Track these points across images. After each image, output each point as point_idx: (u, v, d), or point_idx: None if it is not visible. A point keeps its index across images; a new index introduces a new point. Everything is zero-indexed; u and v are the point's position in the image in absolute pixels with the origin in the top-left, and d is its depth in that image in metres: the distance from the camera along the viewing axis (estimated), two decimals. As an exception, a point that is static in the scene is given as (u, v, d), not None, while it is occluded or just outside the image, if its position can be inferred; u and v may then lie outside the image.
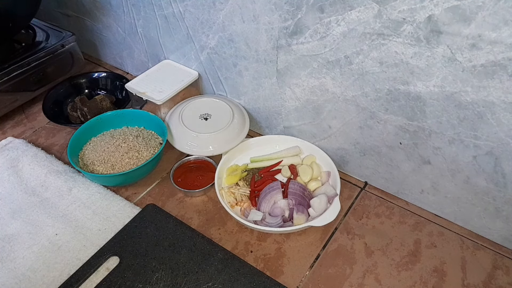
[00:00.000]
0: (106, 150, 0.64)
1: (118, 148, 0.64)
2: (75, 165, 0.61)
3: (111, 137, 0.66)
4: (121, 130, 0.69)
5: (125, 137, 0.66)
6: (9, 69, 0.71)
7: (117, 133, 0.68)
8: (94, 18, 0.82)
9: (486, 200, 0.52)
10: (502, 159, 0.47)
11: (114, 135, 0.67)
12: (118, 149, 0.64)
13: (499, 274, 0.53)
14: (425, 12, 0.41)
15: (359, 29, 0.46)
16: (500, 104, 0.42)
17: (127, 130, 0.69)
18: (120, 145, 0.64)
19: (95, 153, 0.64)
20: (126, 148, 0.64)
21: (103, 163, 0.62)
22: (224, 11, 0.58)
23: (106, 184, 0.64)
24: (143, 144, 0.65)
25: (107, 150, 0.64)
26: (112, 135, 0.67)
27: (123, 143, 0.64)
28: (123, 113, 0.69)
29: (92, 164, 0.63)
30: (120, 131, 0.68)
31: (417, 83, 0.47)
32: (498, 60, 0.40)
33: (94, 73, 0.81)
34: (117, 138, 0.66)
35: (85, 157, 0.64)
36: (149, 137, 0.67)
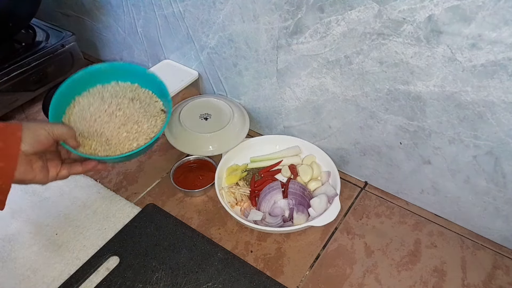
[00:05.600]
0: (97, 120, 0.51)
1: (112, 117, 0.52)
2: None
3: (101, 100, 0.54)
4: (110, 87, 0.56)
5: (118, 101, 0.53)
6: (9, 69, 0.71)
7: (108, 93, 0.55)
8: (94, 18, 0.82)
9: (486, 200, 0.52)
10: (502, 159, 0.47)
11: (104, 97, 0.54)
12: (113, 118, 0.52)
13: (499, 274, 0.53)
14: (425, 12, 0.41)
15: (359, 29, 0.46)
16: (500, 104, 0.42)
17: (118, 88, 0.56)
18: (114, 113, 0.52)
19: (84, 122, 0.51)
20: (123, 118, 0.52)
21: (96, 136, 0.50)
22: (224, 11, 0.58)
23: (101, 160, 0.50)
24: (141, 112, 0.53)
25: (99, 119, 0.51)
26: (102, 96, 0.54)
27: (117, 111, 0.52)
28: (113, 66, 0.57)
29: (81, 137, 0.50)
30: (111, 89, 0.55)
31: (417, 83, 0.47)
32: (498, 60, 0.40)
33: (94, 73, 0.81)
34: (109, 102, 0.53)
35: (70, 124, 0.51)
36: (146, 101, 0.55)
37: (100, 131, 0.51)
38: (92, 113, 0.52)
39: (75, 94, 0.54)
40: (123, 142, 0.51)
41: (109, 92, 0.54)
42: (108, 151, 0.50)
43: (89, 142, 0.50)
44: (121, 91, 0.55)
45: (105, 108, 0.52)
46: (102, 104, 0.53)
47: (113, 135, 0.51)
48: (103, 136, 0.50)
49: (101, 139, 0.50)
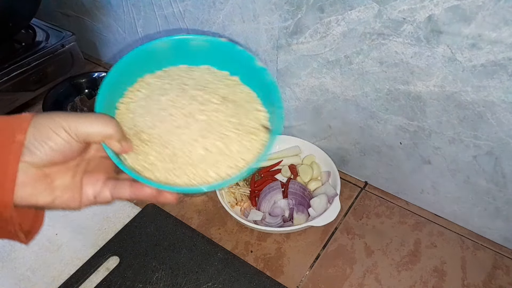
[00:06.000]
0: (167, 120, 0.34)
1: (189, 121, 0.34)
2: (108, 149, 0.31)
3: (182, 90, 0.36)
4: (199, 72, 0.38)
5: (205, 98, 0.36)
6: (9, 69, 0.71)
7: (193, 81, 0.37)
8: (94, 18, 0.82)
9: (486, 200, 0.52)
10: (502, 159, 0.47)
11: (187, 86, 0.37)
12: (190, 123, 0.34)
13: (499, 274, 0.53)
14: (425, 12, 0.41)
15: (359, 29, 0.46)
16: (500, 104, 0.42)
17: (210, 76, 0.38)
18: (193, 115, 0.35)
19: (147, 116, 0.35)
20: (205, 126, 0.34)
21: (158, 143, 0.33)
22: (224, 11, 0.58)
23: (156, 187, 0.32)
24: (233, 122, 0.35)
25: (169, 119, 0.34)
26: (183, 83, 0.37)
27: (200, 113, 0.35)
28: (211, 42, 0.38)
29: (137, 138, 0.34)
30: (199, 77, 0.38)
31: (417, 83, 0.47)
32: (498, 60, 0.40)
33: (94, 73, 0.81)
34: (191, 95, 0.36)
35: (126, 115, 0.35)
36: (244, 106, 0.37)
37: (166, 138, 0.33)
38: (163, 106, 0.35)
39: (143, 72, 0.38)
40: (195, 165, 0.33)
41: (195, 80, 0.37)
42: (170, 173, 0.32)
43: (146, 150, 0.33)
44: (213, 83, 0.38)
45: (184, 103, 0.35)
46: (181, 96, 0.36)
47: (183, 149, 0.33)
48: (168, 146, 0.33)
49: (163, 151, 0.33)
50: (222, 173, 0.33)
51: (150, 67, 0.38)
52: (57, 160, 0.29)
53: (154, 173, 0.32)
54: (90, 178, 0.32)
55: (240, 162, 0.34)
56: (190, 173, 0.33)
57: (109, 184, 0.33)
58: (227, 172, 0.33)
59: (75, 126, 0.29)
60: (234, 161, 0.34)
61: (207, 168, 0.33)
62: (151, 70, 0.38)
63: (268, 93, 0.37)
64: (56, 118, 0.29)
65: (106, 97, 0.34)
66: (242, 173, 0.33)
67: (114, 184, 0.33)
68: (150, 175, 0.32)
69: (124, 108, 0.36)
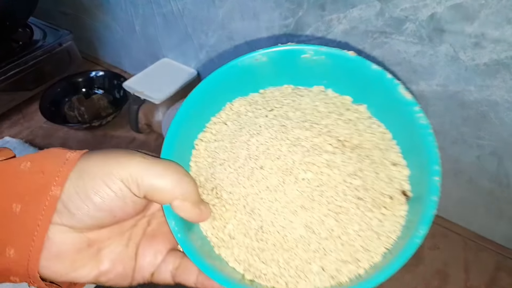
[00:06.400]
0: (254, 174, 0.24)
1: (286, 179, 0.24)
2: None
3: (281, 129, 0.25)
4: (308, 100, 0.27)
5: (314, 143, 0.25)
6: (6, 68, 0.70)
7: (298, 114, 0.26)
8: (92, 16, 0.81)
9: (489, 201, 0.52)
10: (506, 159, 0.46)
11: (289, 121, 0.26)
12: (287, 184, 0.24)
13: (502, 275, 0.52)
14: (427, 10, 0.40)
15: (361, 27, 0.46)
16: (503, 104, 0.42)
17: (324, 106, 0.27)
18: (292, 170, 0.24)
19: (229, 165, 0.25)
20: (309, 191, 0.23)
21: (242, 212, 0.24)
22: (223, 9, 0.57)
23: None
24: (358, 182, 0.24)
25: (257, 174, 0.24)
26: (286, 116, 0.26)
27: (304, 169, 0.24)
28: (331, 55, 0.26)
29: (216, 197, 0.25)
30: (308, 107, 0.27)
31: (419, 82, 0.46)
32: (501, 59, 0.39)
33: (91, 72, 0.80)
34: (293, 138, 0.25)
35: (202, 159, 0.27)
36: (375, 158, 0.25)
37: (252, 203, 0.24)
38: (252, 152, 0.25)
39: (234, 93, 0.28)
40: (290, 250, 0.23)
41: (302, 112, 0.26)
42: (254, 256, 0.23)
43: (225, 214, 0.24)
44: (328, 117, 0.26)
45: (281, 152, 0.24)
46: (279, 137, 0.25)
47: (275, 224, 0.23)
48: (254, 216, 0.24)
49: (248, 222, 0.24)
50: (330, 269, 0.22)
51: (243, 88, 0.28)
52: (105, 222, 0.21)
53: (232, 250, 0.24)
54: (148, 247, 0.24)
55: (361, 255, 0.22)
56: (283, 261, 0.23)
57: (171, 260, 0.24)
58: (338, 268, 0.22)
59: (139, 176, 0.21)
60: (350, 252, 0.22)
61: (309, 259, 0.22)
62: (244, 91, 0.28)
63: (412, 137, 0.24)
64: (110, 163, 0.21)
65: (181, 130, 0.25)
66: (366, 280, 0.21)
67: (179, 262, 0.24)
68: (227, 254, 0.23)
69: (203, 147, 0.26)
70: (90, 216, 0.21)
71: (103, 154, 0.22)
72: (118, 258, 0.23)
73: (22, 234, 0.20)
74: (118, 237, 0.24)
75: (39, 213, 0.20)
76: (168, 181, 0.22)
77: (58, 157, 0.21)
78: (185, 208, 0.22)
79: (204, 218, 0.24)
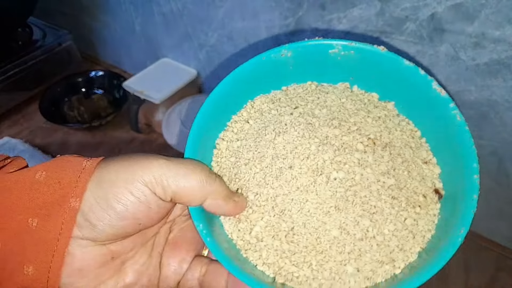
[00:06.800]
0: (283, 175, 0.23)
1: (316, 180, 0.23)
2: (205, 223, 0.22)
3: (305, 128, 0.25)
4: (334, 96, 0.26)
5: (343, 142, 0.24)
6: (6, 68, 0.70)
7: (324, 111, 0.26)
8: (92, 16, 0.81)
9: (489, 201, 0.51)
10: (506, 159, 0.46)
11: (316, 119, 0.25)
12: (318, 184, 0.23)
13: (503, 275, 0.52)
14: (428, 10, 0.40)
15: (361, 27, 0.46)
16: (503, 104, 0.42)
17: (351, 103, 0.26)
18: (323, 170, 0.23)
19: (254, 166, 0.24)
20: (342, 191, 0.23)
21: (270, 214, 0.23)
22: (223, 8, 0.57)
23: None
24: (391, 182, 0.23)
25: (287, 174, 0.23)
26: (312, 114, 0.26)
27: (335, 168, 0.23)
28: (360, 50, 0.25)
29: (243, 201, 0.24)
30: (334, 104, 0.26)
31: (419, 82, 0.46)
32: (501, 58, 0.39)
33: (91, 72, 0.80)
34: (322, 137, 0.24)
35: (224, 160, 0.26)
36: (404, 152, 0.24)
37: (282, 204, 0.23)
38: (279, 151, 0.24)
39: (255, 91, 0.27)
40: (323, 252, 0.22)
41: (328, 109, 0.26)
42: (285, 258, 0.22)
43: (251, 217, 0.23)
44: (356, 114, 0.26)
45: (310, 150, 0.24)
46: (307, 136, 0.24)
47: (307, 226, 0.23)
48: (284, 218, 0.23)
49: (277, 224, 0.23)
50: (366, 270, 0.22)
51: (264, 85, 0.27)
52: (129, 231, 0.20)
53: (260, 252, 0.22)
54: (173, 256, 0.23)
55: (397, 255, 0.22)
56: (316, 263, 0.22)
57: (197, 267, 0.23)
58: (374, 269, 0.22)
59: (164, 178, 0.19)
60: (386, 253, 0.22)
61: (343, 261, 0.22)
62: (265, 88, 0.27)
63: (446, 134, 0.24)
64: (131, 168, 0.19)
65: (203, 131, 0.24)
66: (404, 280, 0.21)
67: (206, 268, 0.23)
68: (254, 257, 0.22)
69: (224, 147, 0.25)
70: (112, 226, 0.19)
71: (122, 159, 0.20)
72: (142, 269, 0.22)
73: (41, 250, 0.19)
74: (141, 247, 0.23)
75: (58, 227, 0.19)
76: (196, 181, 0.21)
77: (74, 166, 0.20)
78: (218, 205, 0.21)
79: (242, 208, 0.23)
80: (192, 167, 0.21)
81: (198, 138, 0.24)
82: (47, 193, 0.19)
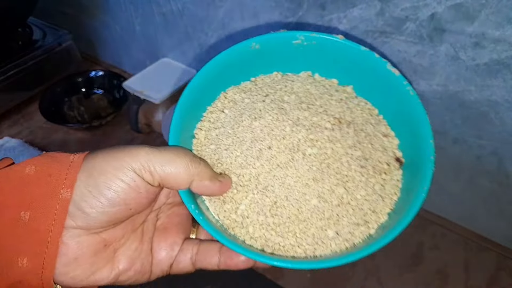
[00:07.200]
0: (264, 154, 0.26)
1: (294, 157, 0.26)
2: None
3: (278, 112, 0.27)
4: (299, 83, 0.29)
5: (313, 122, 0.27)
6: (6, 68, 0.70)
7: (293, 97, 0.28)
8: (92, 16, 0.81)
9: (489, 201, 0.51)
10: (506, 159, 0.46)
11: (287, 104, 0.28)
12: (296, 160, 0.26)
13: (503, 275, 0.52)
14: (428, 10, 0.40)
15: (361, 27, 0.46)
16: (504, 104, 0.42)
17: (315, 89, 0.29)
18: (299, 147, 0.26)
19: (234, 149, 0.26)
20: (317, 164, 0.26)
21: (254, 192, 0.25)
22: (223, 8, 0.57)
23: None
24: (356, 156, 0.26)
25: (266, 154, 0.26)
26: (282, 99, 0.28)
27: (309, 145, 0.26)
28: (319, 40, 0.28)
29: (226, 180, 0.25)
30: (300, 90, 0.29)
31: (420, 82, 0.46)
32: (501, 58, 0.39)
33: (91, 72, 0.80)
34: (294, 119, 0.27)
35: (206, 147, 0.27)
36: (367, 130, 0.28)
37: (264, 181, 0.25)
38: (257, 135, 0.26)
39: (226, 83, 0.30)
40: (305, 221, 0.25)
41: (296, 95, 0.28)
42: (271, 230, 0.24)
43: (236, 197, 0.25)
44: (321, 98, 0.28)
45: (286, 132, 0.26)
46: (281, 119, 0.27)
47: (288, 198, 0.25)
48: (267, 193, 0.25)
49: (261, 200, 0.25)
50: (344, 233, 0.24)
51: (234, 76, 0.29)
52: (120, 217, 0.21)
53: (247, 228, 0.24)
54: (163, 240, 0.24)
55: (370, 217, 0.25)
56: (299, 231, 0.24)
57: (189, 248, 0.25)
58: (351, 231, 0.24)
59: (151, 164, 0.20)
60: (360, 215, 0.25)
61: (324, 226, 0.24)
62: (236, 80, 0.29)
63: (401, 109, 0.27)
64: (119, 156, 0.20)
65: (182, 122, 0.26)
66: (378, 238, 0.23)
67: (197, 248, 0.25)
68: (242, 233, 0.24)
69: (203, 136, 0.27)
70: (105, 212, 0.20)
71: (109, 150, 0.22)
72: (134, 255, 0.24)
73: (35, 242, 0.19)
74: (132, 234, 0.24)
75: (51, 218, 0.19)
76: (181, 164, 0.22)
77: (63, 160, 0.21)
78: (205, 185, 0.23)
79: (228, 187, 0.25)
80: (176, 152, 0.22)
81: (179, 128, 0.26)
82: (38, 186, 0.20)
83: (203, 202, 0.26)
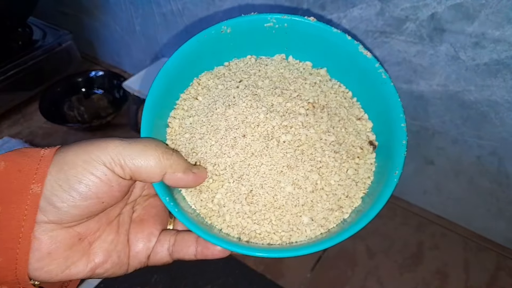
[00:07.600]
0: (238, 143, 0.26)
1: (269, 145, 0.26)
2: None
3: (252, 99, 0.27)
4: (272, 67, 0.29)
5: (287, 108, 0.27)
6: (6, 68, 0.70)
7: (267, 82, 0.28)
8: (92, 16, 0.81)
9: (489, 201, 0.51)
10: (506, 159, 0.46)
11: (261, 90, 0.27)
12: (270, 148, 0.26)
13: (502, 275, 0.52)
14: (428, 10, 0.40)
15: (361, 27, 0.46)
16: (503, 104, 0.42)
17: (289, 73, 0.29)
18: (274, 134, 0.26)
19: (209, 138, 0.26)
20: (292, 151, 0.25)
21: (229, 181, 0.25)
22: (223, 8, 0.57)
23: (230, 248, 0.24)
24: (330, 141, 0.26)
25: (241, 142, 0.26)
26: (255, 85, 0.28)
27: (283, 132, 0.26)
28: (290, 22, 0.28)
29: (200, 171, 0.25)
30: (274, 74, 0.29)
31: (420, 82, 0.46)
32: (501, 58, 0.39)
33: (91, 72, 0.80)
34: (268, 105, 0.27)
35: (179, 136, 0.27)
36: (340, 114, 0.27)
37: (240, 170, 0.25)
38: (231, 122, 0.26)
39: (199, 69, 0.29)
40: (280, 207, 0.25)
41: (270, 80, 0.28)
42: (247, 218, 0.25)
43: (212, 186, 0.25)
44: (295, 82, 0.28)
45: (260, 118, 0.26)
46: (254, 106, 0.26)
47: (264, 186, 0.25)
48: (242, 182, 0.25)
49: (236, 188, 0.25)
50: (319, 219, 0.24)
51: (207, 62, 0.28)
52: (93, 211, 0.21)
53: (224, 217, 0.25)
54: (140, 232, 0.24)
55: (344, 202, 0.25)
56: (275, 219, 0.24)
57: (165, 239, 0.25)
58: (326, 217, 0.24)
59: (120, 157, 0.20)
60: (334, 201, 0.25)
61: (299, 212, 0.24)
62: (209, 65, 0.29)
63: (374, 91, 0.26)
64: (90, 149, 0.20)
65: (154, 111, 0.25)
66: (352, 223, 0.23)
67: (174, 239, 0.25)
68: (218, 222, 0.24)
69: (177, 125, 0.27)
70: (76, 206, 0.20)
71: (79, 144, 0.22)
72: (111, 248, 0.23)
73: (6, 238, 0.19)
74: (107, 227, 0.24)
75: (22, 213, 0.19)
76: (152, 157, 0.21)
77: (33, 155, 0.20)
78: (178, 178, 0.22)
79: (203, 179, 0.24)
80: (147, 144, 0.22)
81: (151, 118, 0.25)
82: (8, 182, 0.19)
83: (179, 192, 0.25)
